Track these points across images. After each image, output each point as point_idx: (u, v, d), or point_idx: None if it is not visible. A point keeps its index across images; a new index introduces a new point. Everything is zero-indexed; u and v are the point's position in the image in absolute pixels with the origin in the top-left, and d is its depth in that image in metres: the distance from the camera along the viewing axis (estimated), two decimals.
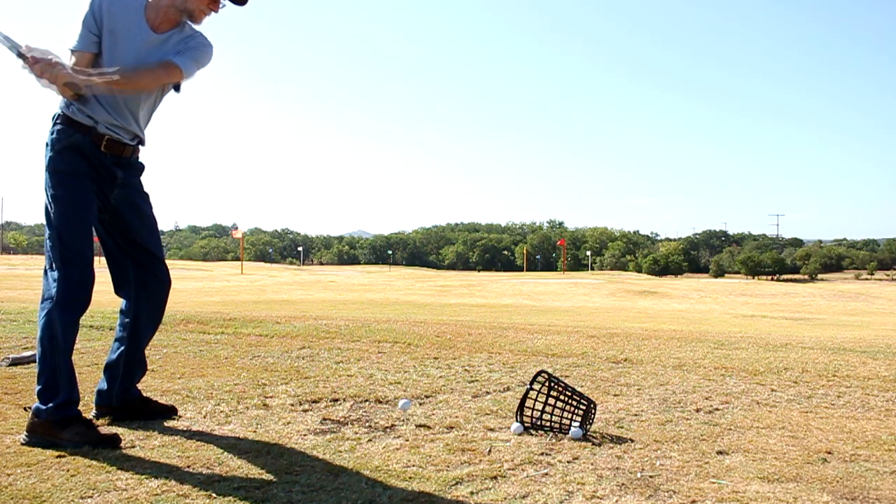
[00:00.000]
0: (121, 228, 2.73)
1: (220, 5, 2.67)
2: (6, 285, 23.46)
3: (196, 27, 2.71)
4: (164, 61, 2.58)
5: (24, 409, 2.72)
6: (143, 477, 2.08)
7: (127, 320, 2.78)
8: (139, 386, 2.88)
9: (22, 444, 2.39)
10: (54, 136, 2.56)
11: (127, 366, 2.77)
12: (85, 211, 2.56)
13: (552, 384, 2.74)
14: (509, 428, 2.71)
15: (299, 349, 4.61)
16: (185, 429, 2.64)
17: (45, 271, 2.53)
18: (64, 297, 2.47)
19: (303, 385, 3.45)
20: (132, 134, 2.68)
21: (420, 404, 3.11)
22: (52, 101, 2.59)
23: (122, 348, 2.77)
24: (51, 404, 2.42)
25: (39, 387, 2.46)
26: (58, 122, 2.57)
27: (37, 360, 2.50)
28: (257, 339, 5.08)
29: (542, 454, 2.42)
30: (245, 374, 3.72)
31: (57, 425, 2.40)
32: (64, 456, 2.26)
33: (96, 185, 2.60)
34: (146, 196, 2.81)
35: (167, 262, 2.89)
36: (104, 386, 2.77)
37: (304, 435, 2.59)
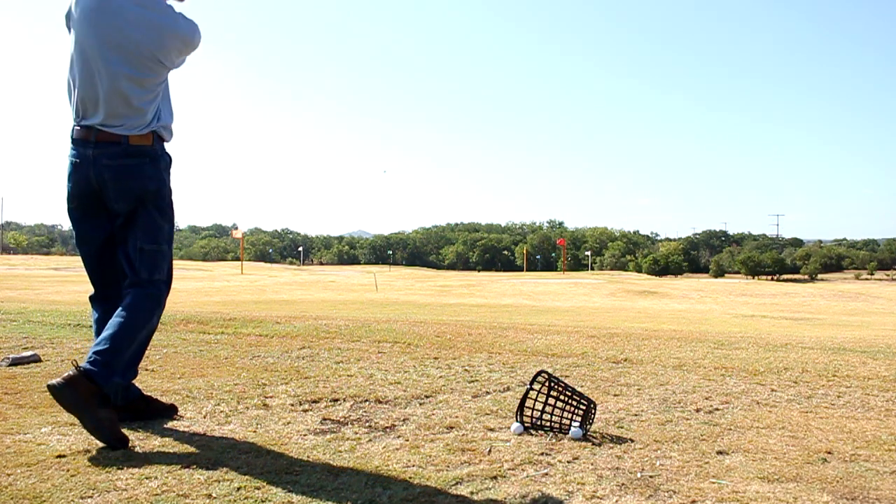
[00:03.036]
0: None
1: None
2: (6, 285, 23.47)
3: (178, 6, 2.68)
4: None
5: (72, 362, 2.43)
6: (143, 477, 2.08)
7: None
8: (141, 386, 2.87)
9: (48, 386, 2.27)
10: (164, 155, 2.64)
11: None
12: None
13: (552, 384, 2.74)
14: (509, 428, 2.71)
15: (299, 349, 4.61)
16: (185, 429, 2.64)
17: (155, 281, 2.60)
18: (164, 307, 2.67)
19: (303, 385, 3.45)
20: None
21: (420, 404, 3.11)
22: (50, 102, 2.60)
23: None
24: (120, 378, 2.44)
25: (120, 360, 2.41)
26: (156, 139, 2.60)
27: (127, 341, 2.44)
28: (257, 339, 5.08)
29: (542, 454, 2.42)
30: (245, 374, 3.72)
31: (102, 399, 2.31)
32: (64, 456, 2.26)
33: None
34: None
35: None
36: None
37: (304, 435, 2.59)
